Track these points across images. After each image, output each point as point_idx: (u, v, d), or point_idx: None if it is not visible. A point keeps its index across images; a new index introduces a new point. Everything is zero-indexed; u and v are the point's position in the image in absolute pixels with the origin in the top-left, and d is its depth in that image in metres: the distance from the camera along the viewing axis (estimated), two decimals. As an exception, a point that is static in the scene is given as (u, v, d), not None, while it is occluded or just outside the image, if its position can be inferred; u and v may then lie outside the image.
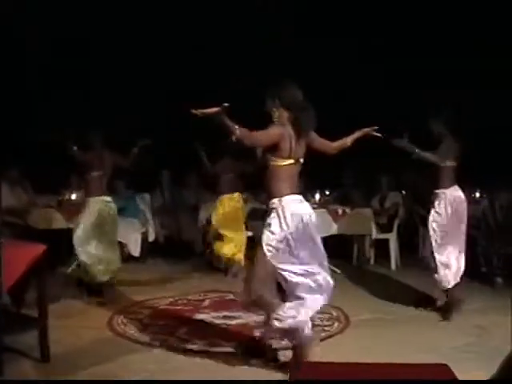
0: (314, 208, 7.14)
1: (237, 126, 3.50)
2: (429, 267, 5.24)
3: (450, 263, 5.12)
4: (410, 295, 5.63)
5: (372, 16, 8.10)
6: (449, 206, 5.12)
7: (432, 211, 5.19)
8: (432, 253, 5.16)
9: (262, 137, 3.71)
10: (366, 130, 4.22)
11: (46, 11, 7.57)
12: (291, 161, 3.76)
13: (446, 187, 5.14)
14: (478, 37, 7.41)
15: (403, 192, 8.20)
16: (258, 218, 6.17)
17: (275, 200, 3.75)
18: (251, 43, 8.08)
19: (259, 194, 7.31)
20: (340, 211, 7.29)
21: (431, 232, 5.17)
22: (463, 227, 5.17)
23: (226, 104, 3.37)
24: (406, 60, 7.97)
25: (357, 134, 4.22)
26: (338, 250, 7.76)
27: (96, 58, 8.31)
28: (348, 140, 4.19)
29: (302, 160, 3.85)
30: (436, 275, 5.13)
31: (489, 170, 6.71)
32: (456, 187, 5.18)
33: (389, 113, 7.15)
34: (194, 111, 3.41)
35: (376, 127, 4.23)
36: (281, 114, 3.79)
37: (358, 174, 8.36)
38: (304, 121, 3.77)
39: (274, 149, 3.73)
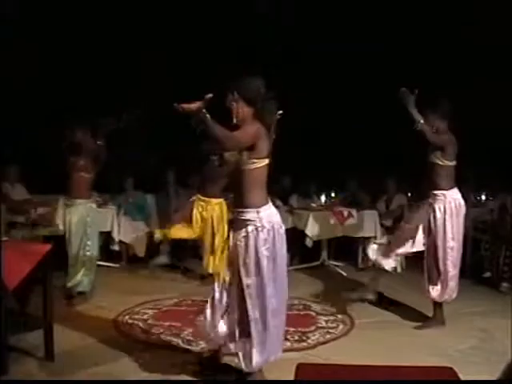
0: (319, 210, 7.32)
1: (218, 126, 3.12)
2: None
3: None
4: (415, 298, 5.61)
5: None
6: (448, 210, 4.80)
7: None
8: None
9: (243, 138, 3.32)
10: None
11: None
12: (267, 161, 3.42)
13: (447, 189, 4.82)
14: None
15: (409, 194, 8.16)
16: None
17: (252, 211, 3.43)
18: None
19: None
20: (346, 213, 7.28)
21: None
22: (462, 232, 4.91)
23: (209, 95, 3.03)
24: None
25: None
26: (342, 252, 7.77)
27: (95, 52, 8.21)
28: None
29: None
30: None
31: (497, 171, 6.63)
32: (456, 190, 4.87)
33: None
34: (176, 105, 3.02)
35: None
36: (241, 108, 3.44)
37: (363, 176, 8.32)
38: (266, 112, 3.42)
39: (251, 149, 3.37)
